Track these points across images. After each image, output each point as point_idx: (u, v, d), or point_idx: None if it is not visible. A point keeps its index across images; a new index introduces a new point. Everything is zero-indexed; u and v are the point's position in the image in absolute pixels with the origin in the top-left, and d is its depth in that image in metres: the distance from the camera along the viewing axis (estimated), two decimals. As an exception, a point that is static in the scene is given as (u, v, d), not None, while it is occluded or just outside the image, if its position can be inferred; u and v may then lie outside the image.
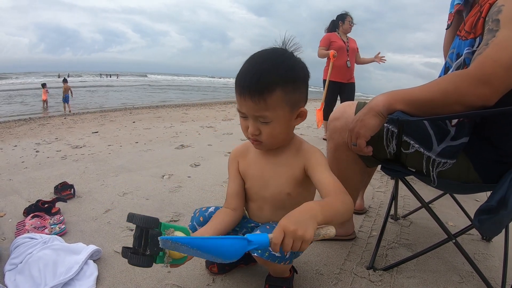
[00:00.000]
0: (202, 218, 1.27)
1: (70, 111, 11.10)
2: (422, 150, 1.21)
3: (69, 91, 12.14)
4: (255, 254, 1.06)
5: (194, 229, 1.27)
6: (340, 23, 4.61)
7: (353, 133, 1.23)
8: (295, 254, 1.16)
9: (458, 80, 1.08)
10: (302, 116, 1.11)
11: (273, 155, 1.19)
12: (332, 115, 1.44)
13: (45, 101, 12.52)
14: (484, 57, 1.05)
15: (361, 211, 2.10)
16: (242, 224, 1.28)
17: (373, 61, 4.90)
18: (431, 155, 1.20)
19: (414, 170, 1.30)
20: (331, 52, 4.32)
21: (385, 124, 1.25)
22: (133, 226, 1.82)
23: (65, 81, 12.80)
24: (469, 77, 1.05)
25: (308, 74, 1.10)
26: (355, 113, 1.32)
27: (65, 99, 11.93)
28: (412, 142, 1.22)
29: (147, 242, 0.84)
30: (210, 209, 1.29)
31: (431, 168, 1.22)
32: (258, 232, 1.07)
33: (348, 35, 4.67)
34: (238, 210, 1.25)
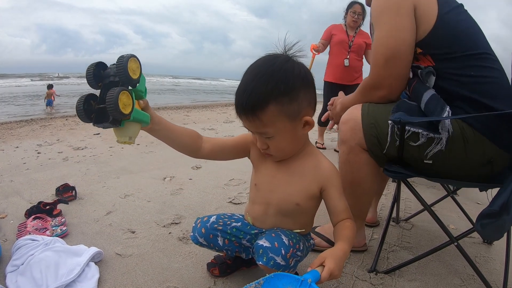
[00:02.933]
0: (204, 229, 1.25)
1: (51, 112, 11.68)
2: (432, 135, 1.22)
3: (52, 96, 12.83)
4: (260, 263, 1.06)
5: (195, 240, 1.27)
6: (345, 14, 4.04)
7: (334, 112, 1.57)
8: (299, 261, 1.16)
9: (363, 90, 1.41)
10: (310, 124, 1.08)
11: (288, 161, 1.18)
12: (342, 118, 1.43)
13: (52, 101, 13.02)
14: (371, 66, 1.35)
15: (373, 224, 1.98)
16: (246, 231, 1.25)
17: None
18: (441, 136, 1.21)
19: (431, 162, 1.28)
20: (312, 45, 3.97)
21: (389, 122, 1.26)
22: (135, 228, 1.83)
23: (50, 87, 13.25)
24: (368, 87, 1.38)
25: (308, 78, 1.06)
26: (362, 117, 1.34)
27: (48, 103, 12.62)
28: (420, 130, 1.22)
29: (107, 120, 0.88)
30: (212, 219, 1.28)
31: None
32: (263, 239, 1.08)
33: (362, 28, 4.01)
34: (206, 150, 1.20)
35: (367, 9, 3.61)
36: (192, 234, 1.29)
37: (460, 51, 1.24)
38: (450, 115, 1.20)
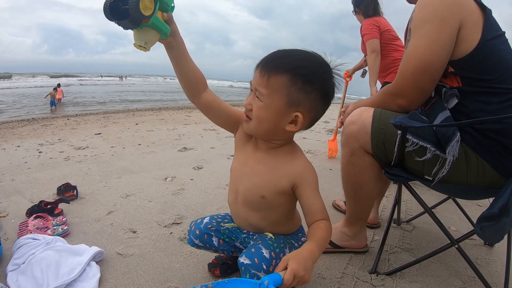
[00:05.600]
0: (198, 231, 1.27)
1: (54, 110, 12.56)
2: (438, 153, 1.21)
3: (55, 98, 13.64)
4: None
5: (191, 243, 1.29)
6: None
7: (346, 114, 1.50)
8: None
9: (383, 94, 1.40)
10: (297, 124, 1.05)
11: (264, 152, 1.15)
12: (348, 119, 1.42)
13: (59, 100, 13.56)
14: (398, 73, 1.32)
15: (374, 225, 1.98)
16: (237, 234, 1.27)
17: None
18: (447, 157, 1.20)
19: (431, 179, 1.28)
20: (344, 73, 3.62)
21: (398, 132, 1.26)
22: (136, 228, 1.83)
23: (55, 88, 14.15)
24: (389, 93, 1.36)
25: (328, 93, 1.06)
26: (372, 120, 1.33)
27: (52, 103, 13.39)
28: (429, 145, 1.22)
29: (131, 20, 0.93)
30: (205, 220, 1.30)
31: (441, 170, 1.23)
32: (244, 256, 1.07)
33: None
34: (205, 97, 1.20)
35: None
36: (188, 237, 1.31)
37: (496, 82, 1.20)
38: (459, 141, 1.19)
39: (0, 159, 3.60)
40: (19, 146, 4.38)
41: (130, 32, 1.02)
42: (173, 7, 1.08)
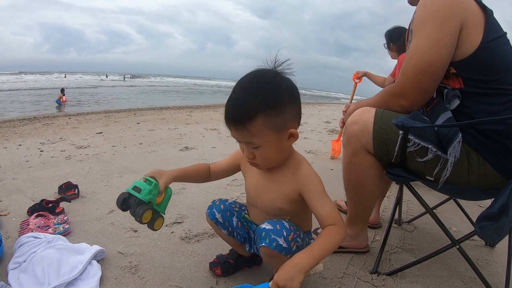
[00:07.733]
0: (223, 206, 1.34)
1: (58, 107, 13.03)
2: (440, 153, 1.21)
3: (61, 99, 14.04)
4: (263, 244, 1.07)
5: (212, 216, 1.34)
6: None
7: (347, 114, 1.55)
8: (300, 248, 1.15)
9: (384, 95, 1.40)
10: (294, 136, 1.10)
11: (269, 170, 1.21)
12: (349, 119, 1.43)
13: (64, 102, 14.06)
14: (400, 74, 1.32)
15: (375, 225, 1.99)
16: (250, 225, 1.33)
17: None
18: (448, 157, 1.20)
19: (432, 179, 1.28)
20: (354, 74, 3.69)
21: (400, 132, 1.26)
22: (138, 227, 1.83)
23: (62, 91, 14.56)
24: (391, 94, 1.37)
25: (294, 93, 1.09)
26: (374, 120, 1.34)
27: (57, 102, 13.86)
28: (430, 146, 1.22)
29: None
30: (230, 200, 1.38)
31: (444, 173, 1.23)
32: (266, 223, 1.11)
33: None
34: (212, 175, 1.40)
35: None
36: (208, 211, 1.36)
37: (498, 83, 1.20)
38: (461, 142, 1.20)
39: (2, 157, 3.60)
40: (20, 145, 4.38)
41: (132, 34, 1.08)
42: (169, 193, 1.32)
